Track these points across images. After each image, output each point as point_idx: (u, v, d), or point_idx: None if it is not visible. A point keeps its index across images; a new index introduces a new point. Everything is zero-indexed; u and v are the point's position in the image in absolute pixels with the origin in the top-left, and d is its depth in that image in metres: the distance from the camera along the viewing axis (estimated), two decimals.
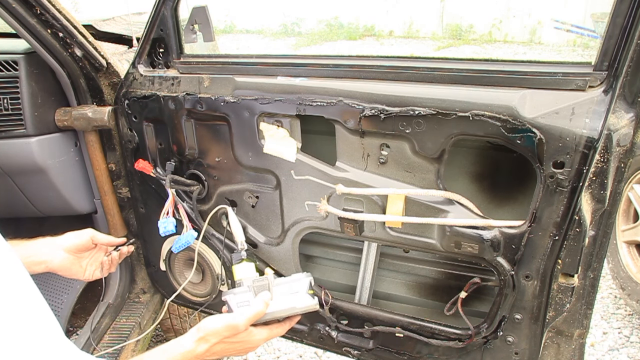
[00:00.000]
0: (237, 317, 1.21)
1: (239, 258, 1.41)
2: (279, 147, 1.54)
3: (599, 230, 1.28)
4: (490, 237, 1.34)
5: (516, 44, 11.47)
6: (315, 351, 2.82)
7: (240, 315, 1.22)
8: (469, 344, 1.52)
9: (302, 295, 1.29)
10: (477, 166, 1.60)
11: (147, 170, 1.75)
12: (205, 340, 1.17)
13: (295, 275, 1.37)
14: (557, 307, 1.37)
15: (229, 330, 1.19)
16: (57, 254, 1.42)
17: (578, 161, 1.17)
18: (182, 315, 2.54)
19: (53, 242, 1.43)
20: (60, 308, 2.00)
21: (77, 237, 1.46)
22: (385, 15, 12.83)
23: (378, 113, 1.35)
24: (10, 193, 1.86)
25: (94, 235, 1.49)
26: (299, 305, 1.28)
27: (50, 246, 1.42)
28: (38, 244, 1.42)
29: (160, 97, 1.64)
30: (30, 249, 1.40)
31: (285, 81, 1.47)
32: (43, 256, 1.41)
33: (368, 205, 1.48)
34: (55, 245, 1.43)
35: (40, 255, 1.40)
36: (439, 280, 1.83)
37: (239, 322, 1.20)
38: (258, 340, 1.25)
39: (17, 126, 1.72)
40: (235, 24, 14.38)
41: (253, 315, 1.23)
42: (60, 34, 1.64)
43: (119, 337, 1.93)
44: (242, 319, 1.21)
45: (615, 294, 3.29)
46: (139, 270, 2.12)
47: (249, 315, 1.22)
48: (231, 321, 1.20)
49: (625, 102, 1.15)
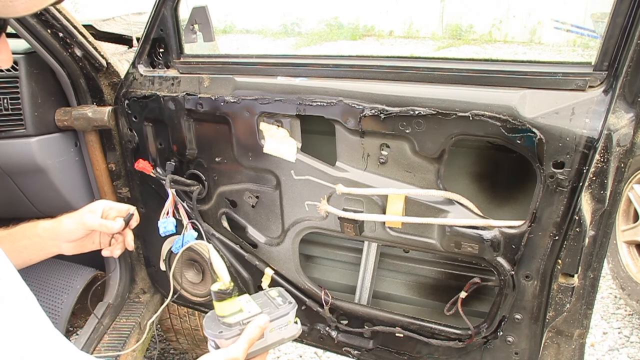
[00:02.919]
0: (231, 350, 1.15)
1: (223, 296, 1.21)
2: (279, 147, 1.54)
3: (599, 230, 1.28)
4: (490, 237, 1.34)
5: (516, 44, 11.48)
6: (315, 351, 2.82)
7: (235, 347, 1.15)
8: (469, 344, 1.52)
9: (289, 327, 1.29)
10: (477, 166, 1.60)
11: (147, 170, 1.75)
12: None
13: (283, 308, 1.27)
14: (557, 307, 1.37)
15: None
16: (62, 247, 1.43)
17: (578, 161, 1.17)
18: (182, 315, 2.54)
19: (56, 237, 1.42)
20: (60, 308, 1.99)
21: (74, 231, 1.42)
22: (385, 15, 12.83)
23: (378, 113, 1.35)
24: (10, 193, 1.85)
25: (89, 225, 1.43)
26: (286, 336, 1.30)
27: (54, 240, 1.42)
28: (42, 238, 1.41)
29: (160, 97, 1.64)
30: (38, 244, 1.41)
31: (285, 81, 1.47)
32: (52, 248, 1.42)
33: (368, 205, 1.48)
34: (58, 240, 1.42)
35: (49, 248, 1.42)
36: (439, 280, 1.83)
37: (235, 354, 1.14)
38: None
39: (17, 126, 1.72)
40: (235, 24, 14.39)
41: (248, 343, 1.17)
42: (60, 34, 1.64)
43: (119, 337, 1.92)
44: (238, 350, 1.15)
45: (615, 294, 3.29)
46: (139, 270, 2.12)
47: (245, 346, 1.16)
48: (228, 356, 1.13)
49: (625, 102, 1.15)
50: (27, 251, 1.41)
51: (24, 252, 1.40)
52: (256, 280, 1.81)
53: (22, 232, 1.41)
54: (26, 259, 1.42)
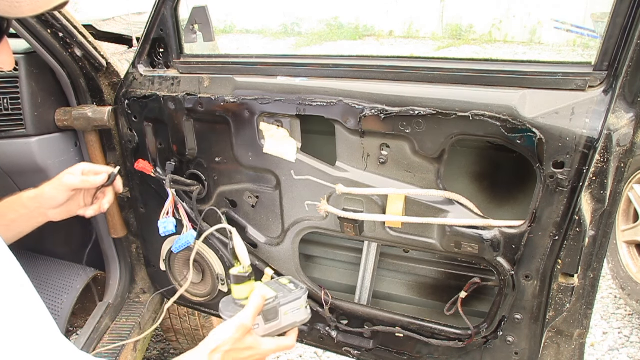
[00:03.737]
0: (241, 316, 1.23)
1: (242, 278, 1.34)
2: (279, 147, 1.54)
3: (599, 230, 1.28)
4: (490, 237, 1.34)
5: (516, 44, 11.48)
6: (315, 351, 2.82)
7: (242, 314, 1.24)
8: (469, 344, 1.52)
9: (301, 311, 1.39)
10: (477, 166, 1.60)
11: (147, 170, 1.75)
12: (217, 351, 1.17)
13: (295, 292, 1.38)
14: (557, 307, 1.37)
15: (239, 330, 1.20)
16: (49, 214, 1.43)
17: (578, 161, 1.17)
18: (182, 315, 2.54)
19: (41, 206, 1.41)
20: (60, 308, 1.99)
21: (56, 195, 1.41)
22: (385, 15, 12.83)
23: (378, 113, 1.35)
24: (10, 193, 1.85)
25: (69, 185, 1.41)
26: (298, 320, 1.39)
27: (40, 209, 1.41)
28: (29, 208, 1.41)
29: (160, 97, 1.64)
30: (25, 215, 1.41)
31: (285, 81, 1.47)
32: (39, 217, 1.43)
33: (368, 205, 1.48)
34: (44, 208, 1.42)
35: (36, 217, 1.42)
36: (439, 280, 1.83)
37: (244, 320, 1.22)
38: (266, 351, 1.27)
39: (17, 126, 1.72)
40: (235, 24, 14.39)
41: (255, 310, 1.25)
42: (60, 34, 1.64)
43: (119, 337, 1.92)
44: (246, 316, 1.23)
45: (615, 294, 3.29)
46: (139, 270, 2.12)
47: (251, 310, 1.25)
48: (238, 321, 1.22)
49: (625, 102, 1.15)
50: (15, 224, 1.41)
51: (12, 225, 1.40)
52: (256, 280, 1.81)
53: (8, 206, 1.41)
54: (16, 232, 1.42)
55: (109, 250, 2.06)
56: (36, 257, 2.18)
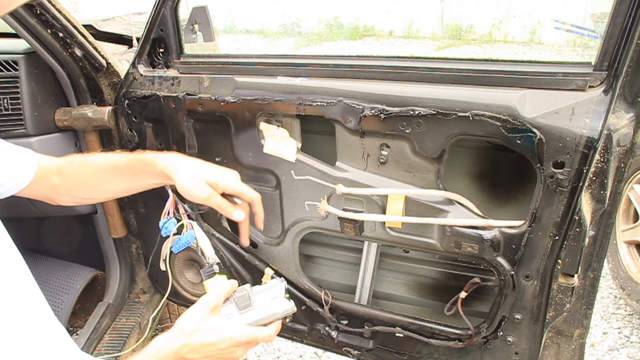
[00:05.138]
0: (204, 296, 1.22)
1: (211, 272, 1.33)
2: (279, 147, 1.54)
3: (599, 230, 1.28)
4: (490, 237, 1.34)
5: (516, 44, 11.47)
6: (315, 351, 2.82)
7: (208, 295, 1.22)
8: (469, 344, 1.52)
9: (280, 300, 1.31)
10: (477, 166, 1.60)
11: None
12: (182, 332, 1.13)
13: (270, 282, 1.34)
14: (557, 307, 1.37)
15: (202, 308, 1.17)
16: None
17: (578, 161, 1.17)
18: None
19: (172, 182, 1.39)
20: (60, 308, 2.00)
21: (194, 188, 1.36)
22: (385, 15, 12.82)
23: (378, 113, 1.35)
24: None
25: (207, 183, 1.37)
26: (279, 310, 1.31)
27: (169, 181, 1.41)
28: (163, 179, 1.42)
29: (160, 97, 1.64)
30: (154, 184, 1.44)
31: (285, 81, 1.47)
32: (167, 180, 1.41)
33: (368, 205, 1.48)
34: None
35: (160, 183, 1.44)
36: (439, 280, 1.83)
37: (207, 297, 1.20)
38: (238, 337, 1.18)
39: (17, 126, 1.72)
40: (235, 24, 14.38)
41: (219, 290, 1.24)
42: (60, 34, 1.64)
43: (119, 337, 1.93)
44: (209, 295, 1.21)
45: (615, 294, 3.29)
46: (139, 270, 2.12)
47: (215, 290, 1.23)
48: (200, 301, 1.20)
49: (625, 102, 1.15)
50: (139, 184, 1.45)
51: (142, 175, 1.42)
52: (256, 280, 1.81)
53: (140, 167, 1.40)
54: (134, 189, 1.47)
55: (109, 250, 2.06)
56: (36, 257, 2.18)
